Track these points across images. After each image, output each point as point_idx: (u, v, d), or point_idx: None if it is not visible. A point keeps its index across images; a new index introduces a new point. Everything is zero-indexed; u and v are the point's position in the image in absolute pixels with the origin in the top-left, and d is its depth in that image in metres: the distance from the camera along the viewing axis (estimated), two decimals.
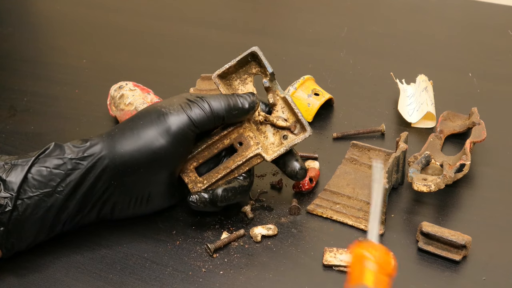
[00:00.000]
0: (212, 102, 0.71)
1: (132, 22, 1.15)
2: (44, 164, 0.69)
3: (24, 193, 0.68)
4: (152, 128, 0.70)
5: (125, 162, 0.70)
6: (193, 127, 0.70)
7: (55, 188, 0.69)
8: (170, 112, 0.70)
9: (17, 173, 0.68)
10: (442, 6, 1.15)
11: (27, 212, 0.68)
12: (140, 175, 0.71)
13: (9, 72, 1.04)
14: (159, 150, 0.70)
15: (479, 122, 0.83)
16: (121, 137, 0.71)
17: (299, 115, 0.74)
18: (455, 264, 0.72)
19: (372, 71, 1.00)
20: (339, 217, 0.77)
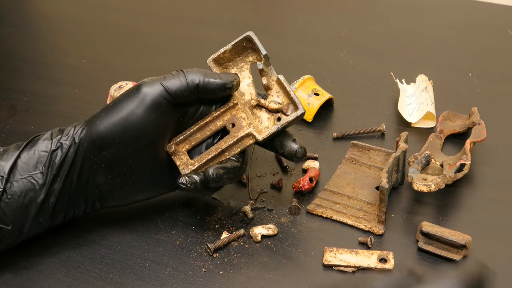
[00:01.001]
0: (188, 72, 0.72)
1: (132, 22, 1.14)
2: (32, 148, 0.71)
3: (13, 177, 0.69)
4: (127, 100, 0.71)
5: (101, 134, 0.70)
6: (166, 94, 0.71)
7: (42, 170, 0.70)
8: (144, 83, 0.71)
9: (8, 157, 0.70)
10: (442, 6, 1.15)
11: (16, 195, 0.69)
12: (117, 148, 0.71)
13: (9, 72, 1.04)
14: (133, 119, 0.70)
15: (479, 122, 0.83)
16: (99, 113, 0.72)
17: (291, 93, 0.73)
18: (455, 264, 0.72)
19: (372, 71, 1.00)
20: (339, 217, 0.77)
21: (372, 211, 0.77)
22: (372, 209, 0.78)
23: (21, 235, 0.71)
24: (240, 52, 0.76)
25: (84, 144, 0.70)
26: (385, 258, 0.72)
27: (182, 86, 0.71)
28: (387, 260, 0.72)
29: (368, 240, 0.74)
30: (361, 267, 0.72)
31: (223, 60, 0.75)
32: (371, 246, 0.74)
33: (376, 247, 0.74)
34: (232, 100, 0.74)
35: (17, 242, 0.71)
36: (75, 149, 0.70)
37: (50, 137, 0.71)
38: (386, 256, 0.72)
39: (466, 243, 0.71)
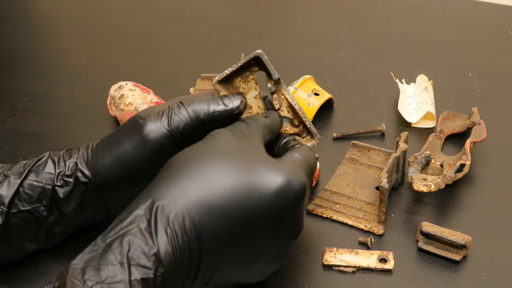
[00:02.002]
0: (189, 104, 0.67)
1: (132, 22, 1.14)
2: (36, 178, 0.68)
3: (15, 207, 0.68)
4: (130, 141, 0.68)
5: (105, 177, 0.68)
6: (171, 137, 0.67)
7: (45, 204, 0.68)
8: (146, 123, 0.67)
9: (9, 187, 0.68)
10: (442, 6, 1.15)
11: (19, 226, 0.68)
12: (121, 190, 0.69)
13: (9, 72, 1.04)
14: (139, 165, 0.68)
15: (479, 122, 0.83)
16: (102, 151, 0.69)
17: (307, 123, 0.70)
18: (455, 264, 0.72)
19: (372, 71, 1.00)
20: (339, 217, 0.77)
21: (372, 211, 0.77)
22: (372, 209, 0.78)
23: (24, 255, 0.71)
24: (245, 67, 0.70)
25: (89, 186, 0.69)
26: (385, 258, 0.72)
27: (187, 124, 0.67)
28: (387, 260, 0.72)
29: (368, 240, 0.74)
30: (361, 267, 0.72)
31: (228, 77, 0.70)
32: (371, 246, 0.74)
33: (376, 247, 0.74)
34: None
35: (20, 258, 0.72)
36: (80, 188, 0.69)
37: (54, 168, 0.69)
38: (386, 256, 0.72)
39: (466, 243, 0.71)
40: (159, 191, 0.60)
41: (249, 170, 0.61)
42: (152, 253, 0.56)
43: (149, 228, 0.57)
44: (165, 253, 0.57)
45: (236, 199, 0.60)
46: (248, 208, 0.60)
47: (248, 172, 0.61)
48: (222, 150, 0.62)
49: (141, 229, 0.57)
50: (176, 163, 0.62)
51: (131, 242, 0.56)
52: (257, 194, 0.60)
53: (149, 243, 0.56)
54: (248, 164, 0.61)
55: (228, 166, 0.61)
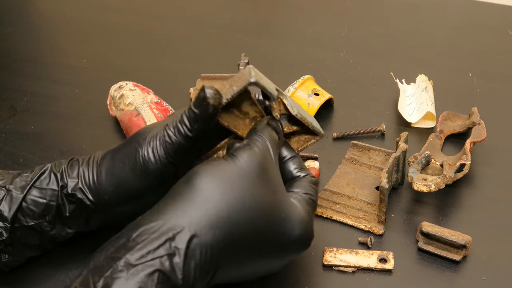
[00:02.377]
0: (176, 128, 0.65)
1: (132, 22, 1.14)
2: (39, 195, 0.69)
3: (18, 222, 0.68)
4: (129, 171, 0.67)
5: (108, 203, 0.69)
6: (169, 164, 0.66)
7: (48, 219, 0.69)
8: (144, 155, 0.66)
9: (12, 202, 0.68)
10: (442, 6, 1.15)
11: (22, 241, 0.69)
12: (126, 209, 0.69)
13: (9, 72, 1.04)
14: (138, 191, 0.68)
15: (479, 122, 0.83)
16: (105, 178, 0.69)
17: (310, 126, 0.69)
18: (455, 264, 0.72)
19: (372, 71, 1.00)
20: (339, 217, 0.77)
21: (372, 211, 0.77)
22: (372, 209, 0.78)
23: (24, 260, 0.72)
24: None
25: (91, 206, 0.69)
26: (385, 258, 0.72)
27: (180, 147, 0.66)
28: (387, 260, 0.72)
29: (368, 240, 0.74)
30: (361, 267, 0.72)
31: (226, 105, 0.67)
32: (371, 246, 0.74)
33: (376, 247, 0.74)
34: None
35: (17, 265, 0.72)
36: (83, 209, 0.69)
37: (57, 185, 0.69)
38: (386, 256, 0.72)
39: (466, 243, 0.71)
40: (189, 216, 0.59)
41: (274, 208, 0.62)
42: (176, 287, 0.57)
43: (179, 261, 0.57)
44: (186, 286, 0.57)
45: (256, 234, 0.61)
46: (264, 246, 0.62)
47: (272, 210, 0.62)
48: (251, 175, 0.62)
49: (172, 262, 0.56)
50: (202, 179, 0.60)
51: (160, 274, 0.56)
52: (276, 236, 0.62)
53: (177, 277, 0.56)
54: (274, 200, 0.63)
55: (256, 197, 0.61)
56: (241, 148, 0.63)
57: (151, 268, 0.56)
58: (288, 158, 0.68)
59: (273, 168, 0.64)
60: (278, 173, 0.65)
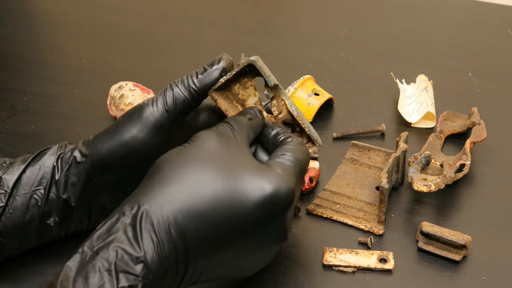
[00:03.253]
0: (181, 83, 0.68)
1: (132, 22, 1.14)
2: (38, 163, 0.70)
3: (17, 191, 0.69)
4: (129, 123, 0.69)
5: (103, 158, 0.69)
6: (167, 114, 0.68)
7: (45, 186, 0.69)
8: (143, 105, 0.69)
9: (14, 171, 0.69)
10: (442, 6, 1.15)
11: (18, 210, 0.69)
12: (120, 171, 0.70)
13: (9, 72, 1.04)
14: (136, 144, 0.68)
15: (479, 122, 0.83)
16: (101, 135, 0.70)
17: (306, 129, 0.69)
18: (455, 264, 0.72)
19: (372, 71, 1.00)
20: (339, 217, 0.77)
21: (372, 211, 0.77)
22: (372, 209, 0.78)
23: (21, 248, 0.71)
24: (241, 74, 0.69)
25: (86, 165, 0.69)
26: (385, 258, 0.72)
27: (181, 100, 0.68)
28: (387, 260, 0.72)
29: (368, 240, 0.74)
30: (361, 267, 0.72)
31: (224, 85, 0.69)
32: (371, 246, 0.74)
33: (376, 247, 0.74)
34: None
35: (16, 253, 0.71)
36: (78, 169, 0.70)
37: (56, 152, 0.71)
38: (386, 256, 0.72)
39: (466, 243, 0.71)
40: (145, 197, 0.60)
41: (234, 177, 0.61)
42: (140, 260, 0.56)
43: (135, 235, 0.57)
44: (152, 260, 0.57)
45: (220, 206, 0.60)
46: (232, 216, 0.60)
47: (232, 179, 0.61)
48: (208, 155, 0.62)
49: (128, 236, 0.57)
50: (161, 167, 0.62)
51: (118, 249, 0.56)
52: (241, 203, 0.60)
53: (136, 250, 0.57)
54: (233, 170, 0.61)
55: (213, 172, 0.61)
56: (198, 133, 0.65)
57: (109, 246, 0.56)
58: (273, 132, 0.67)
59: (233, 145, 0.64)
60: (242, 149, 0.64)
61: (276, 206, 0.61)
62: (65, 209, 0.70)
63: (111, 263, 0.56)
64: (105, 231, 0.58)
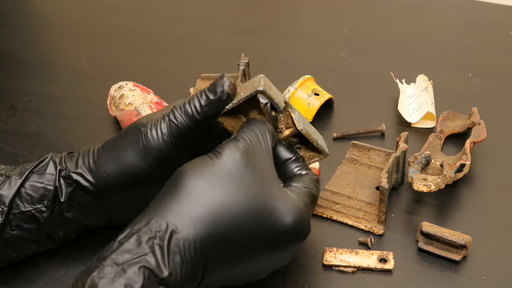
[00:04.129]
0: (183, 110, 0.66)
1: (132, 22, 1.14)
2: (38, 179, 0.68)
3: (17, 208, 0.68)
4: (131, 150, 0.67)
5: (110, 185, 0.69)
6: (171, 144, 0.67)
7: (46, 204, 0.68)
8: (147, 132, 0.67)
9: (10, 187, 0.68)
10: (442, 6, 1.15)
11: (20, 227, 0.68)
12: (126, 195, 0.69)
13: (9, 72, 1.04)
14: (138, 170, 0.67)
15: (479, 122, 0.83)
16: (104, 158, 0.69)
17: (314, 143, 0.69)
18: (455, 264, 0.72)
19: (372, 71, 1.00)
20: (339, 217, 0.77)
21: (372, 211, 0.77)
22: (372, 209, 0.78)
23: (26, 255, 0.71)
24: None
25: (93, 190, 0.69)
26: (385, 258, 0.72)
27: (184, 129, 0.66)
28: (387, 260, 0.72)
29: (368, 240, 0.74)
30: (361, 267, 0.72)
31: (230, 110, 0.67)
32: (371, 246, 0.74)
33: (376, 247, 0.74)
34: None
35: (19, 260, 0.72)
36: (83, 192, 0.69)
37: (55, 169, 0.69)
38: (386, 256, 0.72)
39: (466, 243, 0.71)
40: (172, 215, 0.60)
41: (262, 203, 0.62)
42: (164, 283, 0.57)
43: (163, 256, 0.58)
44: (174, 281, 0.58)
45: (245, 232, 0.61)
46: (256, 243, 0.62)
47: (260, 205, 0.61)
48: (236, 173, 0.62)
49: (156, 258, 0.57)
50: (187, 180, 0.61)
51: (145, 270, 0.57)
52: (266, 231, 0.62)
53: (162, 272, 0.57)
54: (261, 195, 0.62)
55: (242, 194, 0.61)
56: (224, 143, 0.64)
57: (137, 265, 0.56)
58: (290, 159, 0.68)
59: (262, 158, 0.64)
60: (269, 163, 0.64)
61: (297, 238, 0.64)
62: (70, 225, 0.70)
63: (139, 284, 0.56)
64: (132, 246, 0.58)
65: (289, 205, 0.63)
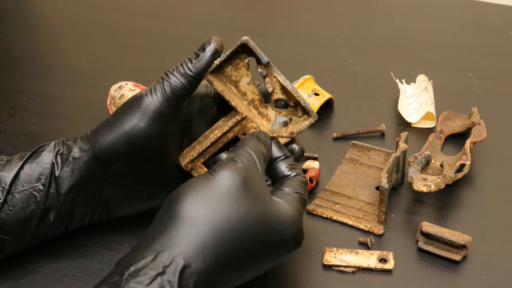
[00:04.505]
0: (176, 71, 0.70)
1: (132, 22, 1.14)
2: (36, 160, 0.70)
3: (15, 188, 0.69)
4: (129, 113, 0.69)
5: (106, 150, 0.69)
6: (166, 103, 0.68)
7: (44, 182, 0.69)
8: (141, 95, 0.69)
9: (11, 168, 0.69)
10: (442, 6, 1.15)
11: (17, 206, 0.68)
12: (123, 162, 0.70)
13: (9, 72, 1.04)
14: (137, 133, 0.68)
15: (479, 122, 0.83)
16: (102, 128, 0.70)
17: (301, 101, 0.71)
18: (455, 264, 0.72)
19: (372, 71, 1.00)
20: (339, 217, 0.77)
21: (372, 211, 0.77)
22: (372, 209, 0.78)
23: (22, 245, 0.71)
24: (234, 56, 0.72)
25: (88, 160, 0.69)
26: (385, 258, 0.72)
27: (178, 87, 0.69)
28: (387, 260, 0.72)
29: (368, 240, 0.74)
30: (361, 267, 0.72)
31: (218, 68, 0.72)
32: (371, 246, 0.74)
33: (376, 247, 0.74)
34: (241, 114, 0.71)
35: (17, 251, 0.71)
36: (79, 164, 0.69)
37: (54, 149, 0.70)
38: (386, 256, 0.72)
39: (466, 243, 0.71)
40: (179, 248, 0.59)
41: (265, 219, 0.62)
42: None
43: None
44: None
45: (250, 250, 0.61)
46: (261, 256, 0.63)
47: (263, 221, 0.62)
48: (233, 192, 0.62)
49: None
50: (186, 205, 0.61)
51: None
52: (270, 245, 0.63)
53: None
54: (263, 211, 0.62)
55: (243, 212, 0.61)
56: (223, 164, 0.64)
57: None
58: (280, 158, 0.69)
59: (258, 180, 0.64)
60: (264, 185, 0.65)
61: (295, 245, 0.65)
62: (66, 204, 0.70)
63: None
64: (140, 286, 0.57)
65: (288, 220, 0.64)
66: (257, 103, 0.72)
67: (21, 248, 0.71)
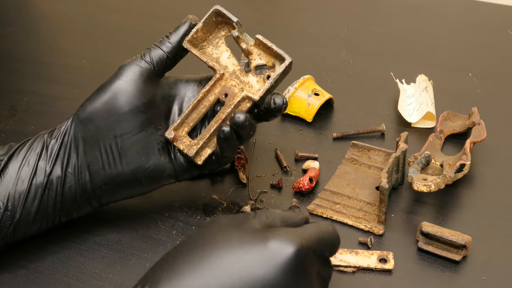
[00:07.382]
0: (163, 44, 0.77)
1: (132, 22, 1.14)
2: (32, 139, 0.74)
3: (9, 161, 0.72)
4: (115, 79, 0.73)
5: (85, 111, 0.72)
6: (149, 65, 0.74)
7: (37, 154, 0.72)
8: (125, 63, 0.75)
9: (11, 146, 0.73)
10: (442, 6, 1.15)
11: (10, 177, 0.70)
12: (100, 118, 0.72)
13: (9, 72, 1.04)
14: (113, 87, 0.72)
15: (479, 122, 0.83)
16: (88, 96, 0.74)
17: (274, 47, 0.74)
18: (455, 264, 0.72)
19: (372, 71, 1.00)
20: (339, 217, 0.77)
21: (372, 211, 0.77)
22: (372, 209, 0.78)
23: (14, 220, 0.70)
24: (212, 29, 0.77)
25: (72, 124, 0.73)
26: (385, 258, 0.72)
27: (158, 51, 0.75)
28: (387, 260, 0.72)
29: (368, 240, 0.74)
30: (361, 267, 0.72)
31: (198, 41, 0.76)
32: (371, 246, 0.74)
33: (376, 247, 0.74)
34: (218, 71, 0.74)
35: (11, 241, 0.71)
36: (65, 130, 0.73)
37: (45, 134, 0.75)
38: (386, 256, 0.72)
39: (466, 243, 0.71)
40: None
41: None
42: None
43: None
44: None
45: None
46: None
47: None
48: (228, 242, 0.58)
49: None
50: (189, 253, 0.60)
51: None
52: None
53: None
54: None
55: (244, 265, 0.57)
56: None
57: None
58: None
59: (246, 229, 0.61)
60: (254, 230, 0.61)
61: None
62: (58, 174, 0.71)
63: None
64: None
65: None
66: (238, 73, 0.75)
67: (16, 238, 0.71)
